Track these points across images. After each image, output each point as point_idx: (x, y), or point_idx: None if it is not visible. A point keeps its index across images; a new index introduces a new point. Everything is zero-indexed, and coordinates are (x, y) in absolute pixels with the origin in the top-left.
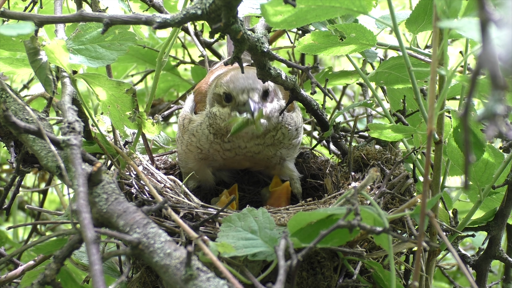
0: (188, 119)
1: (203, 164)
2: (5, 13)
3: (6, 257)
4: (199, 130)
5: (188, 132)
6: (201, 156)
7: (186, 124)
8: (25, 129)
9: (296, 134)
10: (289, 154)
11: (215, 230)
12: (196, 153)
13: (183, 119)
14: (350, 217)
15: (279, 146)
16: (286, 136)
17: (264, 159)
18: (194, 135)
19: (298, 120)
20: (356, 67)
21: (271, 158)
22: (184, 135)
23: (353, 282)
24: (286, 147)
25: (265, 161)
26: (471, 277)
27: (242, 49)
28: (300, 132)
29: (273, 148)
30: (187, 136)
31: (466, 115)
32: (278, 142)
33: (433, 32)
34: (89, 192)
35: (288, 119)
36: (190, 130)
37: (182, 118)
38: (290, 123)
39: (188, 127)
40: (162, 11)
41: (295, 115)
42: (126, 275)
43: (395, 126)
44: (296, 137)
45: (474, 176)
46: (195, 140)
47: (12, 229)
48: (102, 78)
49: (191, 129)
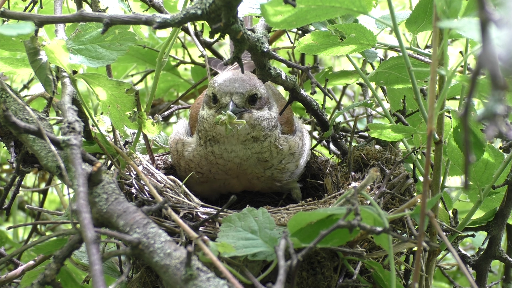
0: (181, 142)
1: (207, 186)
2: (5, 13)
3: (6, 257)
4: (196, 154)
5: (184, 159)
6: (202, 180)
7: (180, 149)
8: (25, 129)
9: (292, 159)
10: (284, 178)
11: (215, 230)
12: (197, 178)
13: (176, 144)
14: (350, 217)
15: (267, 165)
16: (274, 157)
17: (254, 178)
18: (192, 160)
19: (296, 145)
20: (356, 67)
21: (261, 177)
22: (180, 161)
23: (353, 282)
24: (279, 170)
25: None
26: (471, 277)
27: (242, 49)
28: (297, 158)
29: (260, 165)
30: (183, 163)
31: (466, 115)
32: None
33: (433, 32)
34: (89, 192)
35: (281, 139)
36: (186, 156)
37: (174, 142)
38: (282, 144)
39: (183, 153)
40: (162, 11)
41: (291, 138)
42: (126, 275)
43: (395, 126)
44: (290, 162)
45: (474, 176)
46: (193, 165)
47: (12, 229)
48: (102, 78)
49: (187, 155)
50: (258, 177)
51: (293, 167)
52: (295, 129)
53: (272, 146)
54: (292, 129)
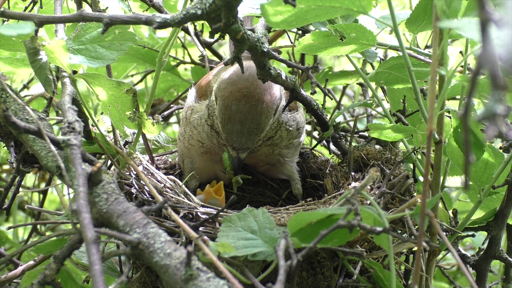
0: (190, 109)
1: (208, 158)
2: (5, 13)
3: (6, 257)
4: (199, 124)
5: (189, 125)
6: (202, 150)
7: (189, 115)
8: (25, 129)
9: (298, 134)
10: (289, 153)
11: (215, 230)
12: (198, 147)
13: (186, 111)
14: (350, 217)
15: (277, 146)
16: (285, 138)
17: (262, 155)
18: (196, 128)
19: (301, 120)
20: (356, 67)
21: (269, 155)
22: (186, 128)
23: (353, 282)
24: (286, 146)
25: (264, 158)
26: (471, 277)
27: (242, 49)
28: (301, 132)
29: (270, 147)
30: (188, 129)
31: (466, 115)
32: (276, 144)
33: (433, 32)
34: (89, 192)
35: (290, 120)
36: (191, 122)
37: (185, 110)
38: (292, 124)
39: (190, 118)
40: (162, 11)
41: (297, 115)
42: (126, 275)
43: (395, 126)
44: (297, 137)
45: (474, 176)
46: (196, 133)
47: (12, 229)
48: (102, 78)
49: (192, 121)
50: (266, 154)
51: (297, 143)
52: (298, 105)
53: (283, 131)
54: (296, 106)
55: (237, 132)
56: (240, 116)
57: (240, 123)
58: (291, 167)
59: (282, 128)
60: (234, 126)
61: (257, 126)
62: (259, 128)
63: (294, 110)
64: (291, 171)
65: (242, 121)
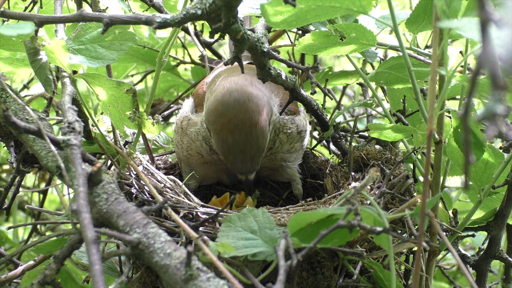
0: (186, 120)
1: (209, 167)
2: (5, 13)
3: (6, 257)
4: (197, 138)
5: (187, 137)
6: (203, 161)
7: (185, 126)
8: (25, 129)
9: (299, 138)
10: (292, 157)
11: (215, 230)
12: (198, 158)
13: (181, 121)
14: (350, 217)
15: (279, 152)
16: (285, 142)
17: (266, 163)
18: (194, 142)
19: (302, 124)
20: (356, 67)
21: (272, 161)
22: (183, 139)
23: (353, 282)
24: (288, 151)
25: (267, 164)
26: (471, 277)
27: (242, 49)
28: (304, 136)
29: (272, 154)
30: (186, 141)
31: (466, 115)
32: (278, 150)
33: (433, 32)
34: (89, 192)
35: (288, 123)
36: (188, 135)
37: (180, 120)
38: (290, 127)
39: (186, 131)
40: (162, 11)
41: (297, 118)
42: (126, 275)
43: (395, 126)
44: (298, 141)
45: (474, 176)
46: (195, 146)
47: (12, 229)
48: (102, 78)
49: (189, 134)
50: (269, 160)
51: (299, 146)
52: (300, 109)
53: (281, 137)
54: (297, 109)
55: (241, 160)
56: (239, 146)
57: (241, 152)
58: (293, 170)
59: (281, 134)
60: (236, 156)
61: (257, 149)
62: (260, 150)
63: (296, 114)
64: (293, 174)
65: (243, 150)
